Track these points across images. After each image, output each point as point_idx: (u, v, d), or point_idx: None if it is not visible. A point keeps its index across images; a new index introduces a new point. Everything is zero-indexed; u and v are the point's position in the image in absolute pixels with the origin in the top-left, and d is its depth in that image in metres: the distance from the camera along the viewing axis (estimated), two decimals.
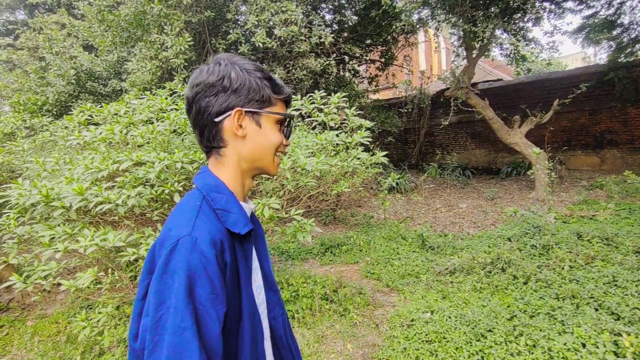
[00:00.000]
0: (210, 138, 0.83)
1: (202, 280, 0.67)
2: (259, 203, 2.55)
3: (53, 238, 2.38)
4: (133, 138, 3.13)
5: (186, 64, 6.00)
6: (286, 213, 2.92)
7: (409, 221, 6.77)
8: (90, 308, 3.92)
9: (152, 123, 3.20)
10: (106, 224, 3.05)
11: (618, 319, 2.75)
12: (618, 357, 2.31)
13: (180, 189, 2.45)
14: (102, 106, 3.58)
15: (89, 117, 3.63)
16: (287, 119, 0.89)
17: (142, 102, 3.44)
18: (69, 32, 9.20)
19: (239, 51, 6.45)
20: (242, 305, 0.77)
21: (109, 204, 2.30)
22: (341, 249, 5.32)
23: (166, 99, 3.38)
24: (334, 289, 3.78)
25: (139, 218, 3.15)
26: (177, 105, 3.25)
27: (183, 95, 3.58)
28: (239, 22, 7.21)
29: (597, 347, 2.40)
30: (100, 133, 2.93)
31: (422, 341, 2.84)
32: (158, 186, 2.56)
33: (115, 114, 3.55)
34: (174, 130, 3.36)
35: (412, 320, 3.15)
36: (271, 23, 6.15)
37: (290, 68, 6.80)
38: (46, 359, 3.12)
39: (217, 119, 0.80)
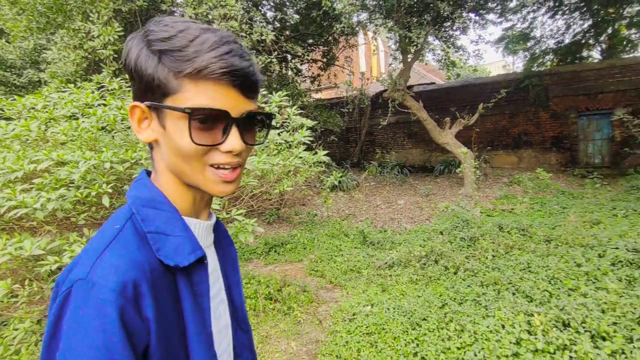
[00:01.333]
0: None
1: (95, 352, 0.45)
2: None
3: None
4: (54, 135, 2.84)
5: (116, 55, 5.58)
6: (227, 213, 2.86)
7: (351, 218, 6.97)
8: (5, 324, 3.50)
9: (77, 119, 2.93)
10: (23, 230, 2.74)
11: (531, 301, 3.10)
12: (530, 335, 2.60)
13: (110, 190, 2.28)
14: (15, 99, 3.20)
15: None
16: (191, 112, 0.54)
17: (65, 96, 3.14)
18: None
19: None
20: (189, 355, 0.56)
21: (25, 209, 2.07)
22: (285, 248, 5.33)
23: (93, 92, 3.12)
24: (278, 288, 3.78)
25: (63, 222, 2.88)
26: (105, 100, 3.01)
27: (112, 89, 3.33)
28: (175, 14, 6.86)
29: (514, 328, 2.68)
30: (14, 129, 2.63)
31: (363, 333, 2.96)
32: (84, 188, 2.36)
33: (32, 108, 3.19)
34: (103, 127, 3.11)
35: (353, 314, 3.26)
36: (210, 17, 5.94)
37: None
38: None
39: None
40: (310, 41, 10.34)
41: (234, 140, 0.56)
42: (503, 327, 2.75)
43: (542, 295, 3.13)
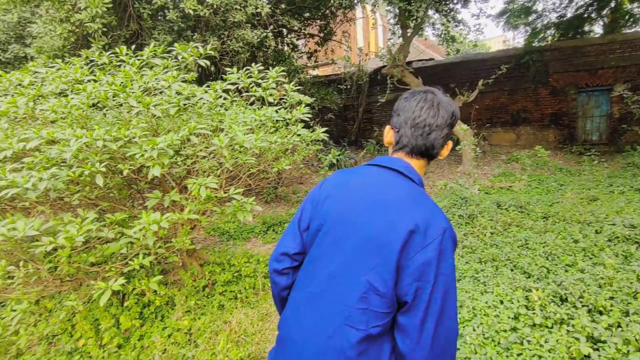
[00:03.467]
0: (437, 151, 1.10)
1: (454, 256, 0.94)
2: (194, 183, 2.41)
3: None
4: (43, 112, 2.74)
5: (105, 29, 5.37)
6: (225, 192, 2.81)
7: None
8: (3, 305, 3.50)
9: (66, 96, 2.83)
10: (16, 210, 2.69)
11: (529, 277, 3.12)
12: (528, 310, 2.63)
13: (103, 169, 2.21)
14: (0, 75, 3.07)
15: None
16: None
17: (53, 72, 3.02)
18: None
19: (167, 18, 5.92)
20: None
21: (15, 189, 2.01)
22: (283, 227, 5.32)
23: (82, 68, 3.00)
24: None
25: (56, 203, 2.82)
26: (95, 75, 2.90)
27: (101, 63, 3.19)
28: None
29: (512, 303, 2.71)
30: (0, 106, 2.53)
31: None
32: (77, 167, 2.29)
33: (19, 85, 3.07)
34: (94, 104, 3.01)
35: None
36: None
37: (225, 39, 6.42)
38: None
39: (446, 142, 1.11)
40: (307, 15, 10.01)
41: None
42: (501, 302, 2.77)
43: (540, 271, 3.15)
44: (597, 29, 11.93)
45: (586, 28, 11.87)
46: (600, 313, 2.46)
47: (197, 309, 3.12)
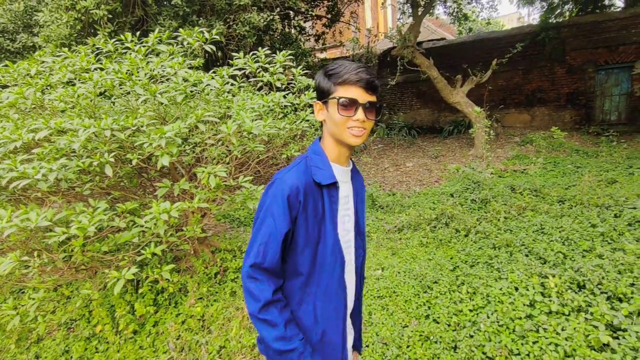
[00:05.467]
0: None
1: (277, 204, 1.05)
2: (203, 171, 2.38)
3: None
4: (51, 102, 2.73)
5: (110, 16, 5.30)
6: (234, 180, 2.79)
7: None
8: (23, 292, 3.59)
9: (74, 85, 2.80)
10: (29, 201, 2.71)
11: (545, 263, 3.06)
12: (544, 297, 2.58)
13: (112, 159, 2.20)
14: (7, 65, 3.06)
15: None
16: (338, 99, 1.06)
17: (59, 61, 2.99)
18: None
19: (172, 2, 5.82)
20: (323, 232, 1.11)
21: (26, 180, 2.01)
22: None
23: (88, 56, 2.96)
24: None
25: (68, 193, 2.83)
26: (102, 64, 2.86)
27: (107, 51, 3.16)
28: None
29: (528, 290, 2.66)
30: (8, 97, 2.52)
31: (374, 297, 2.97)
32: (86, 157, 2.28)
33: (27, 75, 3.06)
34: (101, 93, 2.98)
35: (364, 278, 3.27)
36: None
37: (231, 23, 6.30)
38: None
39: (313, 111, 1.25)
40: None
41: (359, 114, 1.05)
42: (516, 289, 2.73)
43: (556, 257, 3.08)
44: (618, 2, 11.37)
45: (606, 2, 11.34)
46: (620, 300, 2.39)
47: (209, 295, 3.15)
